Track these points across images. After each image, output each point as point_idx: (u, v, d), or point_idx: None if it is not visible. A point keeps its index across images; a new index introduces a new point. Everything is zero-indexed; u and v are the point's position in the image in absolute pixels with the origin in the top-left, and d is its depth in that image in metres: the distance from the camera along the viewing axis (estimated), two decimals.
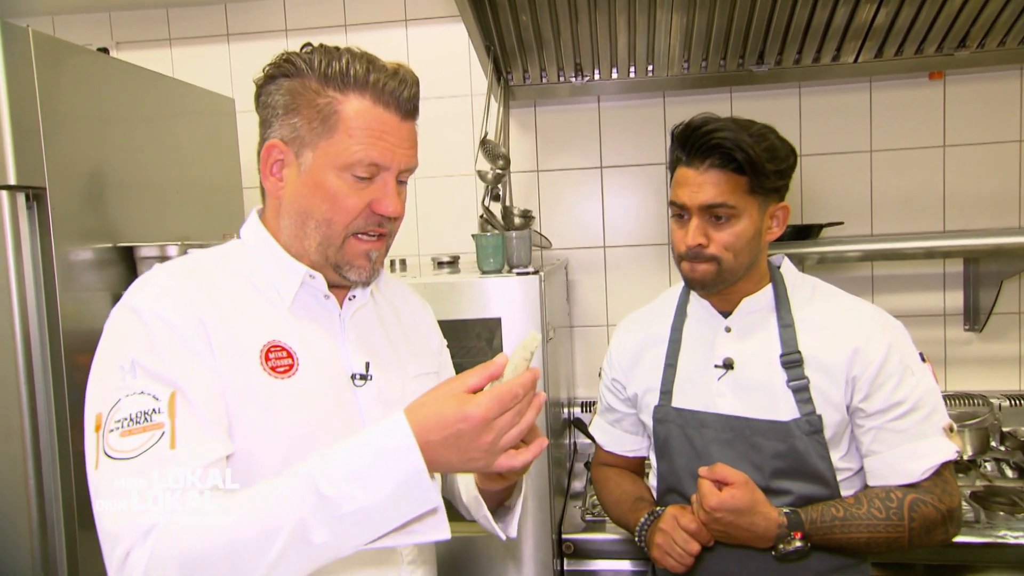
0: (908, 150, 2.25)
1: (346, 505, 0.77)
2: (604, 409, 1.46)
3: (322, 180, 0.94)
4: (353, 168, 0.94)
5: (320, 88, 0.93)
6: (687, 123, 1.19)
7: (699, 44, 2.06)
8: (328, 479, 0.77)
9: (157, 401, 0.83)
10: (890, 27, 1.96)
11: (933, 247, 2.10)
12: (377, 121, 0.94)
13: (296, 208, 0.97)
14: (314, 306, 1.02)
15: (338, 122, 0.93)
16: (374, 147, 0.94)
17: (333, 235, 0.96)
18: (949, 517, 1.16)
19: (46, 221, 1.44)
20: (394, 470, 0.78)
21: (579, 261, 2.43)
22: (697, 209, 1.19)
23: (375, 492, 0.77)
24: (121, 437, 0.81)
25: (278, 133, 0.96)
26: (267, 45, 2.46)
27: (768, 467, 1.20)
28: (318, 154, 0.94)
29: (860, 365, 1.18)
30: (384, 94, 0.94)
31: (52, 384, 1.45)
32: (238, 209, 2.27)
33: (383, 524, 0.79)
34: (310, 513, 0.77)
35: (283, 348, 0.95)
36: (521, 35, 2.03)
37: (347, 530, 0.78)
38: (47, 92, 1.45)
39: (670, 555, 1.18)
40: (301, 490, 0.78)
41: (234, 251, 1.03)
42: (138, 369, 0.84)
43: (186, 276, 0.95)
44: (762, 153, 1.14)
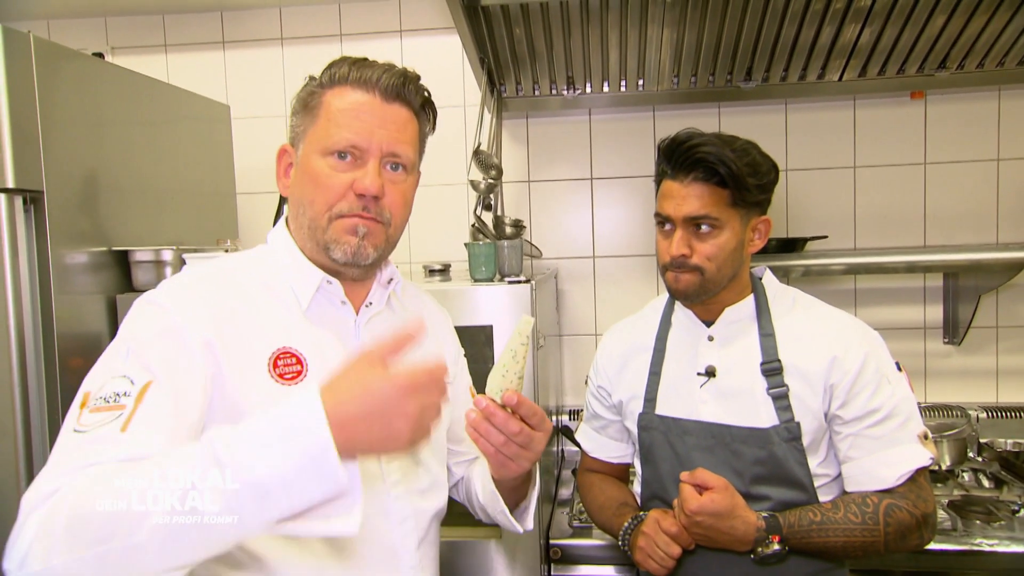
0: (890, 167, 2.31)
1: (242, 475, 0.70)
2: (590, 416, 1.49)
3: (309, 165, 0.99)
4: (332, 147, 0.97)
5: (316, 90, 1.01)
6: (673, 138, 1.24)
7: (689, 60, 2.10)
8: (228, 447, 0.72)
9: (132, 385, 0.84)
10: (873, 47, 2.02)
11: (914, 261, 2.15)
12: (355, 102, 0.98)
13: (295, 200, 1.02)
14: (330, 312, 1.03)
15: (319, 107, 0.99)
16: (349, 127, 0.97)
17: (318, 215, 0.98)
18: (923, 522, 1.20)
19: (43, 224, 1.46)
20: (298, 442, 0.71)
21: (568, 271, 2.46)
22: (681, 220, 1.23)
23: (274, 465, 0.70)
24: (91, 413, 0.82)
25: (288, 138, 1.04)
26: (262, 53, 2.48)
27: (748, 473, 1.24)
28: (306, 142, 1.00)
29: (838, 373, 1.22)
30: (363, 81, 0.99)
31: (45, 386, 1.46)
32: (232, 215, 2.29)
33: (285, 503, 0.71)
34: (203, 478, 0.71)
35: (293, 355, 0.96)
36: (515, 48, 2.07)
37: (244, 504, 0.70)
38: (46, 97, 1.47)
39: (652, 558, 1.21)
40: (200, 455, 0.72)
41: (260, 255, 1.07)
42: (131, 356, 0.87)
43: (207, 279, 0.98)
44: (744, 168, 1.18)
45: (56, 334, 1.47)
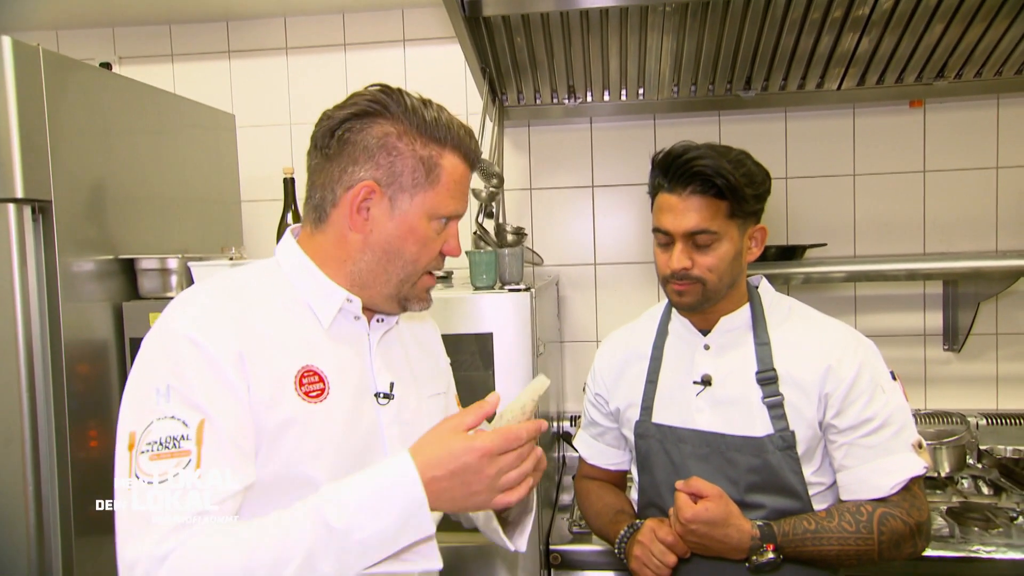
0: (890, 175, 2.32)
1: (353, 535, 0.83)
2: (588, 423, 1.51)
3: (416, 225, 1.01)
4: (442, 217, 1.03)
5: (420, 138, 0.99)
6: (668, 151, 1.25)
7: (688, 68, 2.12)
8: (337, 512, 0.83)
9: (186, 428, 0.86)
10: (872, 55, 2.04)
11: (914, 269, 2.16)
12: (465, 176, 1.05)
13: (384, 247, 1.01)
14: (346, 327, 1.05)
15: (440, 175, 1.00)
16: (460, 201, 1.04)
17: (416, 273, 1.04)
18: (917, 531, 1.21)
19: (51, 233, 1.49)
20: (398, 502, 0.85)
21: (570, 278, 2.48)
22: (681, 235, 1.24)
23: (379, 522, 0.84)
24: (151, 461, 0.85)
25: (371, 173, 0.98)
26: (267, 62, 2.51)
27: (743, 481, 1.25)
28: (416, 201, 1.00)
29: (832, 382, 1.23)
30: (470, 152, 1.04)
31: (52, 392, 1.49)
32: (236, 222, 2.32)
33: (383, 552, 0.85)
34: (319, 544, 0.82)
35: (315, 373, 0.98)
36: (516, 57, 2.09)
37: (351, 559, 0.84)
38: (55, 108, 1.50)
39: (647, 567, 1.22)
40: (311, 522, 0.83)
41: (271, 271, 1.05)
42: (172, 393, 0.87)
43: (223, 300, 0.97)
44: (741, 178, 1.20)
45: (63, 341, 1.50)
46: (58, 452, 1.50)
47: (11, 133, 1.40)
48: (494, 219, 2.14)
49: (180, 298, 0.97)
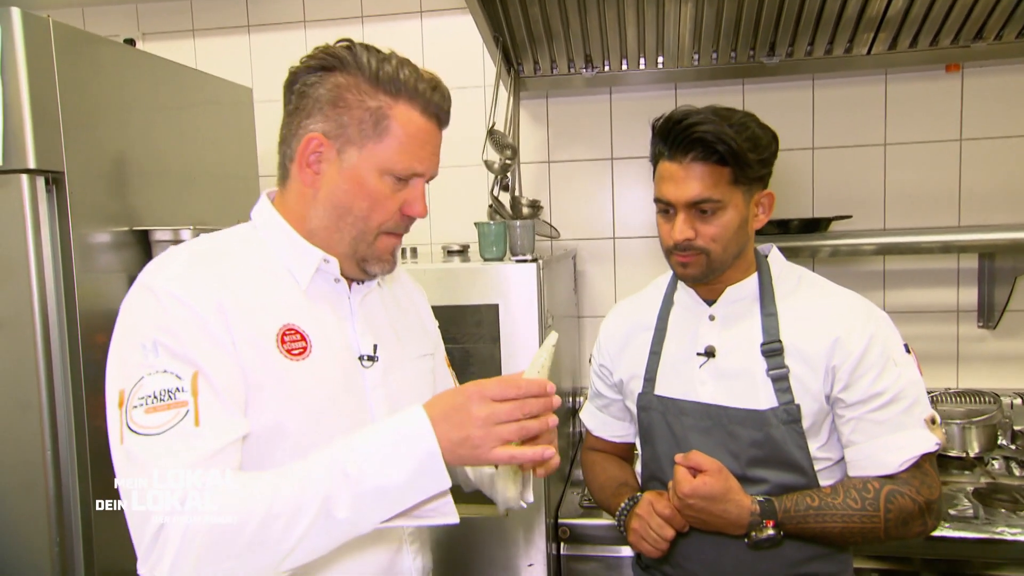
0: (923, 143, 2.22)
1: (368, 481, 0.83)
2: (593, 395, 1.48)
3: (364, 179, 0.98)
4: (395, 173, 0.99)
5: (371, 90, 0.97)
6: (667, 117, 1.20)
7: (709, 35, 2.05)
8: (353, 460, 0.84)
9: (180, 380, 0.86)
10: (904, 17, 1.94)
11: (949, 241, 2.07)
12: (422, 131, 0.99)
13: (333, 202, 0.99)
14: (326, 290, 1.05)
15: (389, 127, 0.97)
16: (416, 155, 0.99)
17: (368, 231, 1.01)
18: (927, 509, 1.16)
19: (64, 204, 1.51)
20: (412, 452, 0.85)
21: (588, 252, 2.45)
22: (683, 205, 1.20)
23: (396, 472, 0.84)
24: (146, 414, 0.84)
25: (320, 126, 0.97)
26: (286, 36, 2.52)
27: (745, 455, 1.22)
28: (364, 155, 0.97)
29: (840, 355, 1.18)
30: (430, 105, 0.99)
31: (69, 361, 1.52)
32: (254, 197, 2.28)
33: (400, 502, 0.85)
34: (336, 489, 0.83)
35: (297, 331, 0.98)
36: (531, 27, 2.05)
37: (368, 506, 0.84)
38: (67, 80, 1.51)
39: (645, 540, 1.20)
40: (328, 469, 0.84)
41: (247, 234, 1.05)
42: (160, 348, 0.87)
43: (202, 259, 0.97)
44: (744, 143, 1.15)
45: (79, 311, 1.53)
46: (75, 419, 1.53)
47: (23, 104, 1.42)
48: (510, 191, 2.12)
49: (157, 259, 0.98)
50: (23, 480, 1.50)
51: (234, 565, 0.82)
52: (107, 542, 1.58)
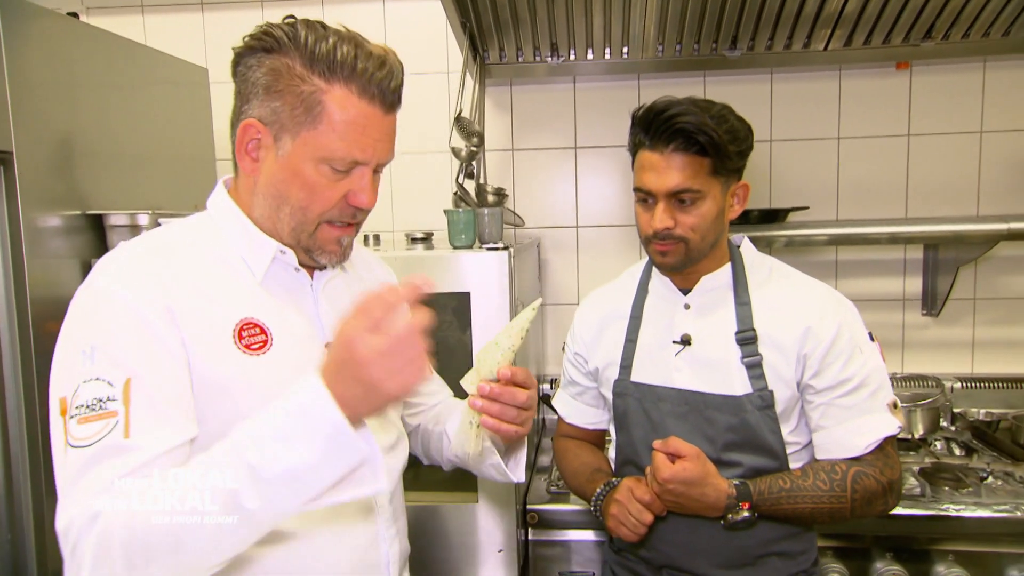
0: (874, 138, 2.30)
1: (272, 467, 0.76)
2: (567, 383, 1.50)
3: (300, 169, 0.93)
4: (333, 162, 0.93)
5: (305, 73, 0.90)
6: (649, 107, 1.22)
7: (674, 27, 2.08)
8: (252, 445, 0.77)
9: (112, 388, 0.82)
10: (859, 16, 2.00)
11: (896, 233, 2.16)
12: (361, 116, 0.92)
13: (271, 191, 0.96)
14: (285, 279, 1.02)
15: (322, 113, 0.91)
16: (356, 143, 0.92)
17: (307, 222, 0.96)
18: (889, 489, 1.22)
19: (13, 186, 1.43)
20: (316, 426, 0.76)
21: (552, 240, 2.46)
22: (663, 194, 1.22)
23: (300, 452, 0.76)
24: (79, 424, 0.81)
25: (256, 112, 0.93)
26: (242, 15, 2.44)
27: (720, 440, 1.25)
28: (298, 143, 0.92)
29: (811, 343, 1.23)
30: (370, 85, 0.92)
31: (20, 350, 1.45)
32: (210, 180, 2.23)
33: (315, 482, 0.78)
34: (239, 481, 0.76)
35: (256, 324, 0.95)
36: (498, 13, 2.04)
37: (278, 492, 0.77)
38: (15, 55, 1.43)
39: (624, 525, 1.23)
40: (228, 460, 0.78)
41: (201, 224, 1.01)
42: (97, 354, 0.84)
43: (152, 255, 0.93)
44: (724, 135, 1.17)
45: (29, 298, 1.45)
46: (26, 411, 1.46)
47: None
48: (475, 179, 2.11)
49: (105, 257, 0.94)
50: None
51: (157, 570, 0.78)
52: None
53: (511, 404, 1.00)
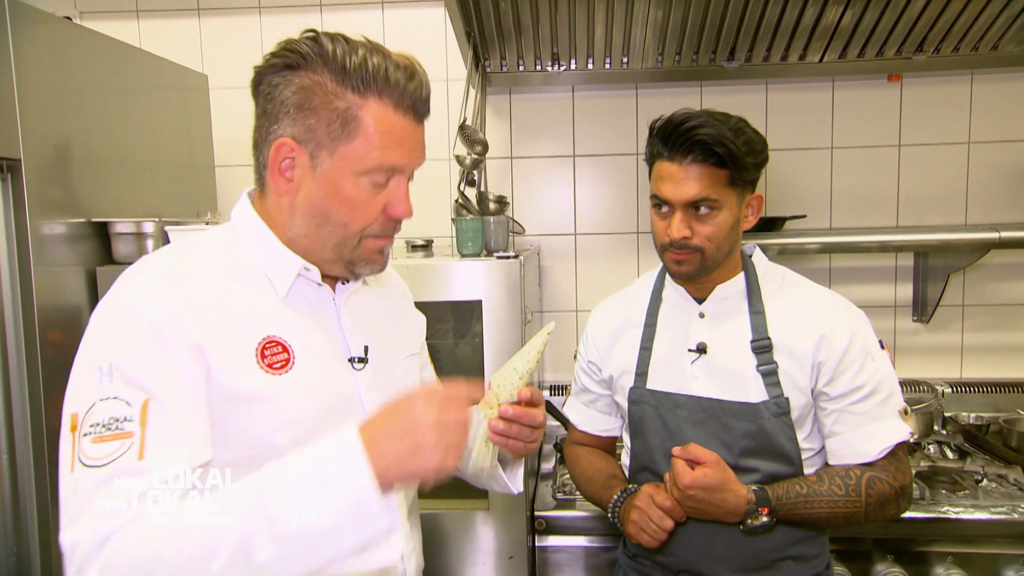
0: (866, 148, 2.36)
1: (291, 523, 0.74)
2: (579, 390, 1.51)
3: (340, 185, 0.92)
4: (372, 174, 0.93)
5: (338, 89, 0.90)
6: (668, 118, 1.24)
7: (674, 38, 2.11)
8: (275, 495, 0.75)
9: (129, 408, 0.81)
10: (854, 29, 2.05)
11: (886, 241, 2.21)
12: (397, 128, 0.92)
13: (311, 210, 0.94)
14: (308, 294, 1.01)
15: (358, 127, 0.90)
16: (393, 153, 0.92)
17: (350, 237, 0.95)
18: (901, 493, 1.25)
19: (20, 193, 1.42)
20: (341, 492, 0.75)
21: (550, 248, 2.47)
22: (681, 204, 1.24)
23: (321, 514, 0.74)
24: (93, 443, 0.80)
25: (289, 131, 0.92)
26: (240, 22, 2.42)
27: (738, 446, 1.27)
28: (336, 158, 0.91)
29: (826, 351, 1.25)
30: (404, 97, 0.92)
31: (26, 357, 1.43)
32: (210, 187, 2.24)
33: (331, 548, 0.76)
34: (255, 529, 0.74)
35: (278, 343, 0.94)
36: (500, 21, 2.05)
37: (292, 551, 0.74)
38: (22, 62, 1.41)
39: (645, 531, 1.24)
40: (249, 504, 0.76)
41: (225, 238, 1.00)
42: (115, 372, 0.82)
43: (176, 272, 0.92)
44: (742, 147, 1.20)
45: (36, 306, 1.44)
46: (32, 420, 1.44)
47: None
48: (476, 187, 2.11)
49: (129, 271, 0.92)
50: None
51: None
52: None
53: (528, 425, 1.04)
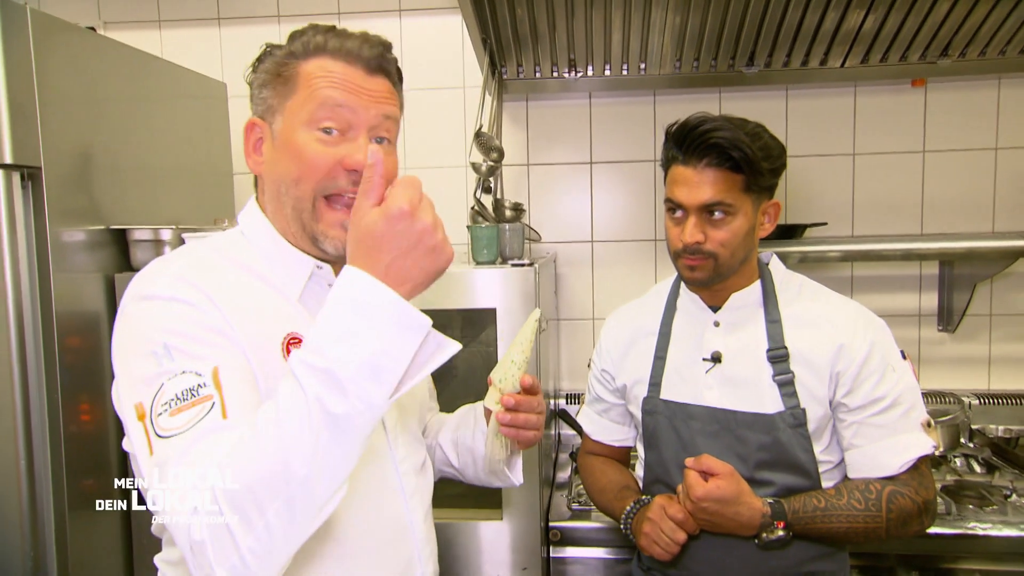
0: (889, 154, 2.31)
1: (348, 365, 0.74)
2: (592, 399, 1.49)
3: (291, 139, 0.93)
4: (318, 117, 0.92)
5: (285, 59, 0.95)
6: (683, 122, 1.22)
7: (692, 44, 2.09)
8: (320, 354, 0.75)
9: (200, 376, 0.81)
10: (877, 33, 2.01)
11: (910, 249, 2.16)
12: (338, 71, 0.93)
13: (272, 178, 0.96)
14: (320, 294, 1.01)
15: (297, 79, 0.94)
16: (337, 96, 0.92)
17: (303, 196, 0.93)
18: (925, 509, 1.21)
19: (41, 201, 1.44)
20: (374, 312, 0.76)
21: (567, 255, 2.46)
22: (695, 208, 1.22)
23: (369, 341, 0.75)
24: (171, 416, 0.79)
25: (254, 111, 0.99)
26: (259, 31, 2.44)
27: (752, 458, 1.24)
28: (285, 116, 0.94)
29: (844, 361, 1.22)
30: (343, 52, 0.94)
31: (44, 365, 1.45)
32: (228, 194, 2.26)
33: (393, 366, 0.76)
34: (320, 388, 0.74)
35: (300, 339, 0.94)
36: (517, 28, 2.05)
37: (361, 387, 0.75)
38: (43, 71, 1.44)
39: (657, 544, 1.22)
40: (301, 377, 0.75)
41: (233, 242, 1.00)
42: (173, 351, 0.83)
43: (201, 269, 0.92)
44: (758, 152, 1.18)
45: (55, 313, 1.45)
46: (50, 426, 1.45)
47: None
48: (492, 194, 2.11)
49: (146, 272, 0.92)
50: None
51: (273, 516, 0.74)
52: (81, 551, 1.51)
53: (530, 411, 1.06)
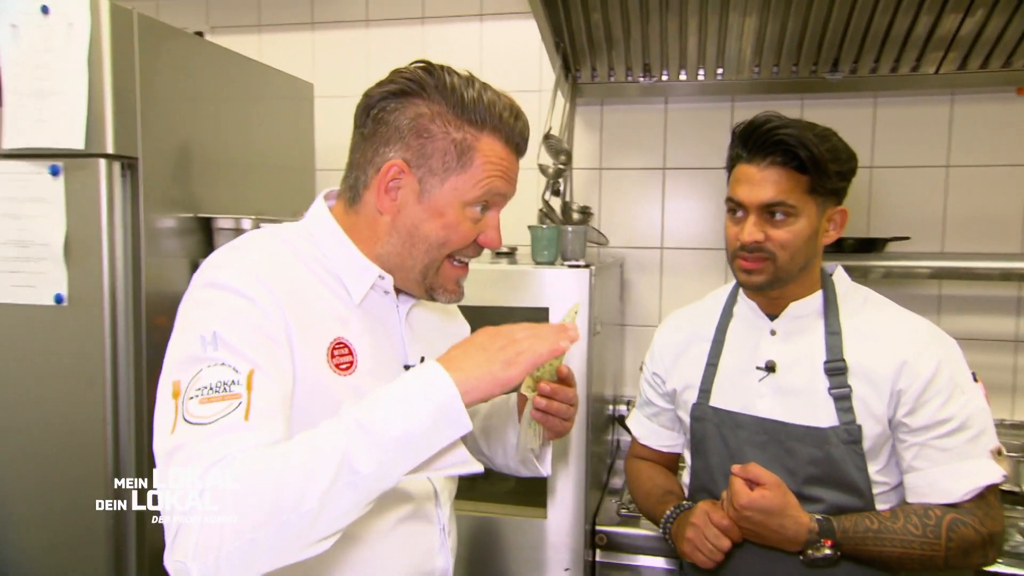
0: (989, 167, 2.16)
1: (389, 432, 0.79)
2: (643, 403, 1.48)
3: (445, 211, 0.97)
4: (476, 204, 0.99)
5: (456, 120, 0.96)
6: (749, 121, 1.20)
7: (771, 49, 2.04)
8: (369, 415, 0.81)
9: (237, 374, 0.85)
10: (976, 38, 1.90)
11: (1009, 269, 2.01)
12: (506, 161, 1.00)
13: (409, 230, 0.99)
14: (377, 301, 1.05)
15: (473, 159, 0.96)
16: (499, 184, 0.99)
17: (439, 259, 1.00)
18: (990, 541, 1.13)
19: (137, 189, 1.57)
20: (431, 398, 0.81)
21: (636, 261, 2.44)
22: (756, 207, 1.19)
23: (412, 419, 0.80)
24: (200, 404, 0.83)
25: (401, 154, 0.96)
26: (348, 35, 2.56)
27: (802, 473, 1.20)
28: (447, 186, 0.97)
29: (907, 378, 1.16)
30: (513, 135, 0.99)
31: (132, 340, 1.57)
32: (310, 189, 2.38)
33: (424, 449, 0.81)
34: (354, 444, 0.79)
35: (346, 345, 0.98)
36: (591, 33, 2.06)
37: (391, 456, 0.79)
38: (146, 70, 1.57)
39: (700, 550, 1.19)
40: (343, 426, 0.80)
41: (298, 236, 1.02)
42: (219, 341, 0.86)
43: (266, 263, 0.95)
44: (825, 152, 1.14)
45: (144, 293, 1.58)
46: (135, 397, 1.58)
47: (105, 92, 1.48)
48: (561, 197, 2.12)
49: (221, 255, 0.96)
50: (85, 450, 1.54)
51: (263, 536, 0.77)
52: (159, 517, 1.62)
53: (564, 402, 1.07)
